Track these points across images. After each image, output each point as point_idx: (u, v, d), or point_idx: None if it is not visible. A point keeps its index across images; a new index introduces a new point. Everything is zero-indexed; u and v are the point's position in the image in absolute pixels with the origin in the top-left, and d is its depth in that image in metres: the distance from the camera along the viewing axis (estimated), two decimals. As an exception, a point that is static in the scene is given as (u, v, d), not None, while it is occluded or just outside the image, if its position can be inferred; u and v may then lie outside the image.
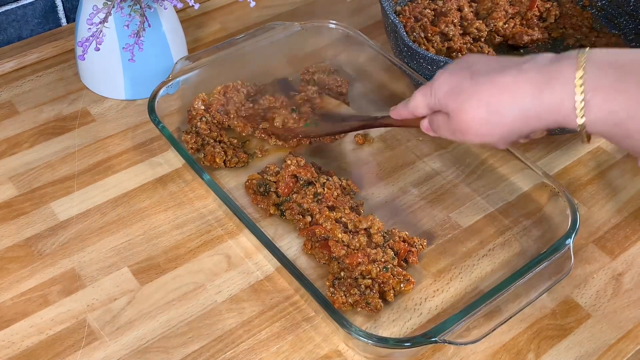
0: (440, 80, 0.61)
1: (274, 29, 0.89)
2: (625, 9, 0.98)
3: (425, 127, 0.65)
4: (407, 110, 0.66)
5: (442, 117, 0.62)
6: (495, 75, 0.57)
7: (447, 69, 0.61)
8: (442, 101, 0.60)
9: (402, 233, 0.73)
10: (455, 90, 0.59)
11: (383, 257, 0.70)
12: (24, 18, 0.97)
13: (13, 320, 0.67)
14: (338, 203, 0.75)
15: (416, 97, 0.64)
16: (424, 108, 0.64)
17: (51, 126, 0.87)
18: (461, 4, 0.98)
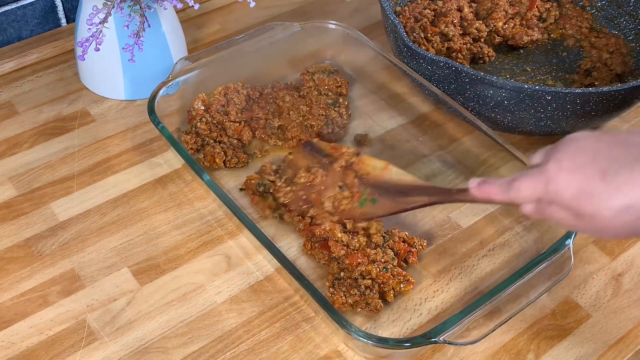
0: (561, 179, 0.53)
1: (273, 29, 0.89)
2: (625, 9, 0.98)
3: (530, 212, 0.57)
4: (505, 196, 0.57)
5: (565, 212, 0.54)
6: (632, 169, 0.50)
7: (565, 162, 0.54)
8: (570, 203, 0.53)
9: (402, 233, 0.73)
10: (587, 193, 0.51)
11: (383, 258, 0.70)
12: (23, 18, 0.97)
13: (13, 321, 0.67)
14: None
15: (522, 188, 0.56)
16: (531, 199, 0.56)
17: (51, 126, 0.87)
18: (461, 5, 0.98)
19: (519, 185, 0.56)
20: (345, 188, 0.72)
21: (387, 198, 0.70)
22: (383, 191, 0.70)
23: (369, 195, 0.70)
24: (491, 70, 0.95)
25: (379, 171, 0.71)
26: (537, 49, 0.98)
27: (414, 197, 0.68)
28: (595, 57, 0.94)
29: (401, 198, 0.69)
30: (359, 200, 0.71)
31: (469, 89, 0.80)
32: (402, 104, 0.91)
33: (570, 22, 1.00)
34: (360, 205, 0.70)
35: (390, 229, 0.73)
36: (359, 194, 0.71)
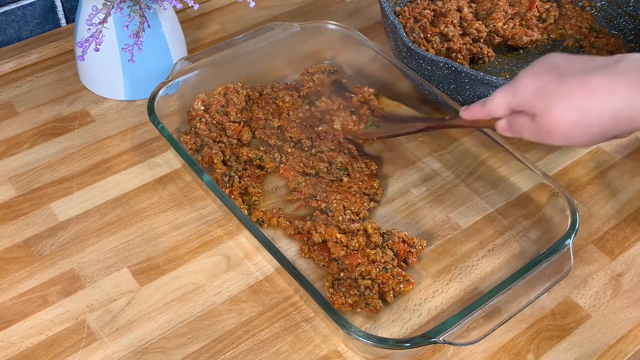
0: (525, 81, 0.59)
1: (273, 30, 0.89)
2: (625, 9, 0.98)
3: (502, 127, 0.64)
4: (484, 111, 0.64)
5: (525, 118, 0.60)
6: (587, 75, 0.55)
7: (531, 70, 0.59)
8: (528, 102, 0.58)
9: (402, 233, 0.73)
10: (542, 91, 0.57)
11: (383, 258, 0.70)
12: (23, 19, 0.97)
13: (12, 321, 0.67)
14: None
15: (496, 98, 0.62)
16: (504, 109, 0.62)
17: (50, 127, 0.87)
18: (461, 5, 0.98)
19: (494, 97, 0.62)
20: (356, 114, 0.83)
21: (389, 124, 0.81)
22: (388, 120, 0.81)
23: (375, 122, 0.81)
24: (491, 70, 0.95)
25: (390, 108, 0.84)
26: (536, 49, 0.98)
27: (411, 123, 0.78)
28: (595, 58, 0.94)
29: (401, 124, 0.79)
30: (365, 124, 0.82)
31: (469, 89, 0.80)
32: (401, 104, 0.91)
33: (569, 23, 1.00)
34: (366, 128, 0.81)
35: (390, 229, 0.73)
36: (366, 119, 0.82)
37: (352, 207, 0.75)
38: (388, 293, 0.68)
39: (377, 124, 0.81)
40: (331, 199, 0.75)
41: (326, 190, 0.77)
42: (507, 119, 0.63)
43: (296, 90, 0.90)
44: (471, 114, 0.67)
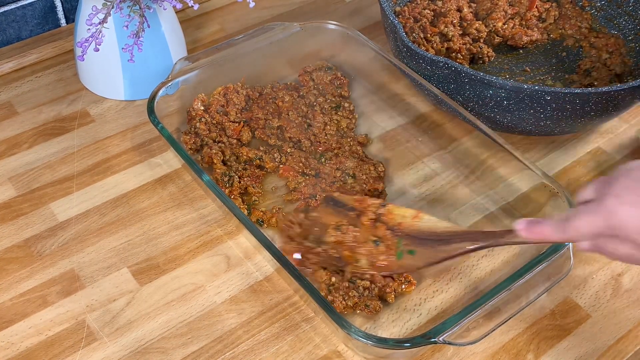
0: (624, 213, 0.52)
1: (273, 30, 0.89)
2: (625, 9, 0.98)
3: (587, 249, 0.56)
4: (561, 236, 0.56)
5: (629, 246, 0.53)
6: None
7: (625, 196, 0.52)
8: (635, 236, 0.52)
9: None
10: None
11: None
12: (23, 19, 0.97)
13: (12, 321, 0.67)
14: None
15: (581, 226, 0.54)
16: (590, 236, 0.54)
17: (50, 127, 0.87)
18: (460, 5, 0.98)
19: (578, 224, 0.54)
20: (380, 242, 0.68)
21: (426, 247, 0.66)
22: (419, 241, 0.67)
23: (404, 246, 0.67)
24: (491, 70, 0.95)
25: (409, 220, 0.68)
26: (536, 49, 0.98)
27: (455, 245, 0.65)
28: (595, 57, 0.94)
29: (442, 247, 0.65)
30: (396, 252, 0.67)
31: (469, 89, 0.80)
32: (401, 104, 0.91)
33: (569, 22, 1.00)
34: (398, 258, 0.67)
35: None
36: (393, 247, 0.67)
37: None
38: (389, 294, 0.68)
39: (410, 248, 0.66)
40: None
41: (326, 190, 0.77)
42: (593, 241, 0.55)
43: (296, 90, 0.90)
44: (539, 235, 0.57)
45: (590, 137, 0.88)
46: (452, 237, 0.65)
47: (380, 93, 0.91)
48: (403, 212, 0.69)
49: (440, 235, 0.66)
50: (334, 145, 0.83)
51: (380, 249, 0.67)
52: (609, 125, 0.90)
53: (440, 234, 0.66)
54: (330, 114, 0.87)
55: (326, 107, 0.88)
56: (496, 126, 0.83)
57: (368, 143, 0.85)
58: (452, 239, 0.65)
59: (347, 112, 0.88)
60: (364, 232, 0.69)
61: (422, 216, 0.68)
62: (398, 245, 0.67)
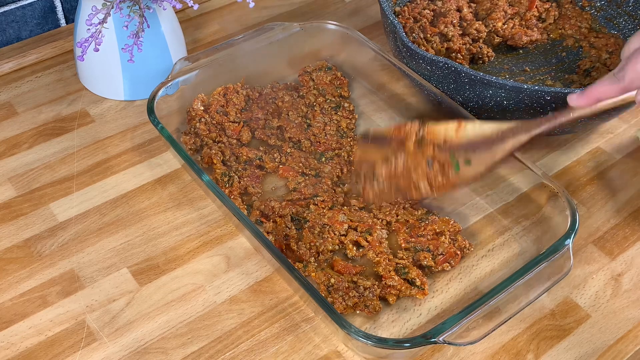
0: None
1: (273, 30, 0.89)
2: (625, 9, 0.98)
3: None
4: (620, 87, 0.52)
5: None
6: None
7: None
8: None
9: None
10: None
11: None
12: (23, 19, 0.97)
13: (12, 322, 0.67)
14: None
15: (637, 65, 0.51)
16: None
17: (50, 127, 0.87)
18: (460, 5, 0.98)
19: (635, 66, 0.51)
20: (433, 161, 0.65)
21: (481, 152, 0.64)
22: (472, 148, 0.64)
23: (458, 158, 0.64)
24: (490, 70, 0.95)
25: (453, 133, 0.66)
26: (536, 49, 0.98)
27: (511, 140, 0.62)
28: (595, 57, 0.94)
29: (497, 146, 0.63)
30: (452, 167, 0.65)
31: (469, 89, 0.80)
32: (401, 104, 0.91)
33: (569, 22, 1.00)
34: (457, 170, 0.64)
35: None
36: (448, 162, 0.65)
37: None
38: (391, 295, 0.68)
39: (466, 158, 0.64)
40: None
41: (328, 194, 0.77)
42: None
43: (296, 90, 0.90)
44: (596, 96, 0.54)
45: (590, 137, 0.88)
46: (505, 134, 0.63)
47: (380, 93, 0.91)
48: (444, 126, 0.66)
49: (492, 136, 0.64)
50: (333, 145, 0.83)
51: (436, 168, 0.65)
52: (609, 125, 0.90)
53: (491, 135, 0.64)
54: (330, 114, 0.87)
55: (326, 107, 0.88)
56: (496, 126, 0.83)
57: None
58: (505, 136, 0.63)
59: (347, 112, 0.88)
60: (414, 157, 0.66)
61: (465, 124, 0.66)
62: (452, 159, 0.65)
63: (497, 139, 0.64)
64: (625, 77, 0.52)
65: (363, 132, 0.71)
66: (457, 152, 0.65)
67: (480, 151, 0.64)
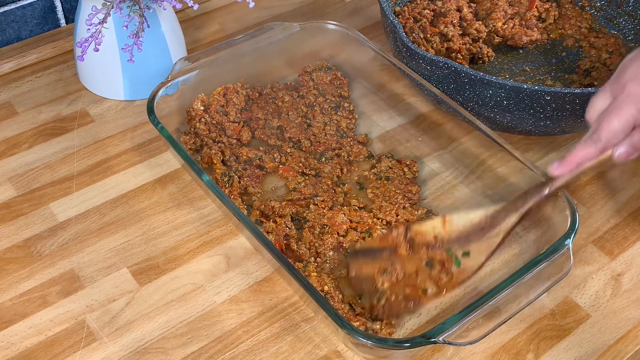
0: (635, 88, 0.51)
1: (273, 30, 0.89)
2: (625, 9, 0.98)
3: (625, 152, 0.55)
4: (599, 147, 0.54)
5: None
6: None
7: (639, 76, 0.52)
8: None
9: None
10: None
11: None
12: (23, 19, 0.97)
13: (12, 322, 0.67)
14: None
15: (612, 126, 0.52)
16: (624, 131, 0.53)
17: (50, 127, 0.87)
18: (460, 5, 0.98)
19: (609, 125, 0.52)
20: (433, 263, 0.65)
21: (476, 242, 0.65)
22: (466, 240, 0.65)
23: (456, 252, 0.65)
24: (490, 70, 0.95)
25: (441, 228, 0.66)
26: (536, 49, 0.98)
27: (502, 223, 0.63)
28: (595, 57, 0.94)
29: (491, 232, 0.64)
30: (453, 262, 0.65)
31: (468, 89, 0.80)
32: (401, 104, 0.91)
33: (569, 22, 1.00)
34: (458, 265, 0.64)
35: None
36: (446, 259, 0.65)
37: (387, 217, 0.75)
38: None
39: (463, 251, 0.64)
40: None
41: None
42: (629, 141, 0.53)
43: (296, 90, 0.90)
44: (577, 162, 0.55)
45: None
46: (495, 220, 0.64)
47: (380, 93, 0.91)
48: (430, 224, 0.67)
49: (481, 224, 0.64)
50: (333, 145, 0.83)
51: (437, 268, 0.65)
52: (609, 125, 0.90)
53: (479, 222, 0.64)
54: (330, 114, 0.87)
55: (326, 107, 0.88)
56: (496, 126, 0.83)
57: (368, 143, 0.85)
58: (495, 222, 0.63)
59: (347, 112, 0.88)
60: (411, 263, 0.66)
61: (450, 218, 0.66)
62: (449, 254, 0.65)
63: (488, 226, 0.64)
64: (601, 138, 0.53)
65: (350, 250, 0.71)
66: (452, 247, 0.65)
67: (475, 241, 0.65)
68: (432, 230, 0.67)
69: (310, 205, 0.76)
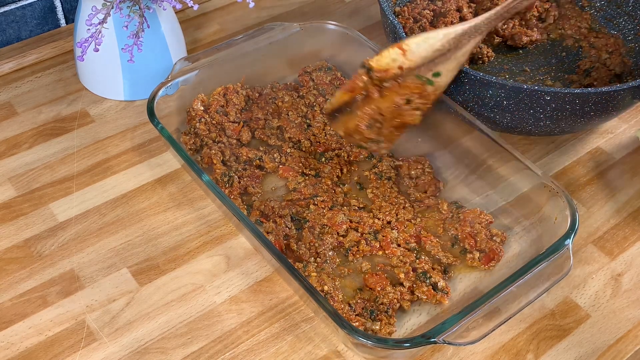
0: None
1: (272, 30, 0.89)
2: (625, 9, 0.98)
3: None
4: None
5: None
6: None
7: None
8: None
9: None
10: None
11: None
12: (22, 19, 0.97)
13: (12, 322, 0.67)
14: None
15: None
16: None
17: (50, 127, 0.87)
18: (460, 5, 0.98)
19: None
20: (404, 88, 0.66)
21: (443, 64, 0.65)
22: (432, 64, 0.66)
23: (425, 75, 0.66)
24: (490, 70, 0.95)
25: (402, 58, 0.67)
26: (536, 49, 0.98)
27: (467, 44, 0.64)
28: (594, 57, 0.94)
29: (457, 52, 0.65)
30: (426, 84, 0.66)
31: (469, 89, 0.80)
32: (401, 104, 0.91)
33: (569, 23, 1.00)
34: (431, 84, 0.66)
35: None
36: (417, 83, 0.66)
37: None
38: (405, 301, 0.68)
39: (433, 73, 0.65)
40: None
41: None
42: None
43: (296, 90, 0.90)
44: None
45: (590, 137, 0.88)
46: (459, 42, 0.65)
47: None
48: (387, 56, 0.67)
49: (444, 48, 0.66)
50: (333, 146, 0.83)
51: (414, 93, 0.66)
52: (609, 125, 0.90)
53: (442, 47, 0.66)
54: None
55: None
56: (496, 126, 0.83)
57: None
58: (460, 43, 0.65)
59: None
60: (387, 101, 0.67)
61: (408, 46, 0.67)
62: (420, 79, 0.66)
63: (453, 48, 0.66)
64: None
65: (326, 114, 0.72)
66: (420, 71, 0.66)
67: (442, 63, 0.66)
68: (394, 63, 0.67)
69: (310, 205, 0.76)
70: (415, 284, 0.69)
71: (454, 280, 0.71)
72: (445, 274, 0.71)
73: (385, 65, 0.67)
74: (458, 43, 0.65)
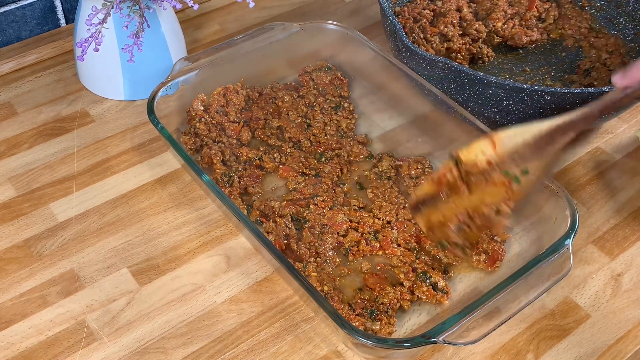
0: None
1: (273, 30, 0.89)
2: (625, 9, 0.98)
3: None
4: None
5: None
6: None
7: None
8: None
9: None
10: None
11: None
12: (23, 19, 0.97)
13: (12, 322, 0.67)
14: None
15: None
16: None
17: (50, 127, 0.87)
18: (460, 5, 0.98)
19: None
20: (491, 186, 0.62)
21: (533, 160, 0.61)
22: (521, 160, 0.61)
23: (513, 172, 0.61)
24: (490, 70, 0.95)
25: (492, 151, 0.62)
26: (536, 49, 0.98)
27: (560, 139, 0.59)
28: (594, 57, 0.94)
29: (548, 148, 0.60)
30: (513, 182, 0.61)
31: (468, 89, 0.80)
32: (401, 104, 0.91)
33: (569, 23, 1.00)
34: (518, 183, 0.61)
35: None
36: (506, 180, 0.62)
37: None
38: (406, 302, 0.68)
39: (523, 169, 0.61)
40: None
41: None
42: None
43: (296, 90, 0.90)
44: (637, 76, 0.52)
45: (590, 137, 0.88)
46: (553, 136, 0.60)
47: (380, 93, 0.91)
48: (477, 148, 0.63)
49: (536, 142, 0.61)
50: (333, 145, 0.83)
51: (500, 193, 0.62)
52: (609, 125, 0.90)
53: (534, 140, 0.60)
54: (330, 114, 0.87)
55: (326, 107, 0.88)
56: (496, 126, 0.83)
57: (368, 143, 0.85)
58: (552, 136, 0.60)
59: (347, 112, 0.88)
60: (474, 197, 0.63)
61: (498, 138, 0.62)
62: (508, 176, 0.62)
63: (544, 143, 0.60)
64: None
65: (409, 204, 0.69)
66: (509, 167, 0.62)
67: (532, 159, 0.61)
68: (483, 155, 0.63)
69: (310, 205, 0.76)
70: (415, 284, 0.69)
71: (454, 280, 0.71)
72: (445, 274, 0.71)
73: (475, 160, 0.63)
74: (550, 140, 0.60)
